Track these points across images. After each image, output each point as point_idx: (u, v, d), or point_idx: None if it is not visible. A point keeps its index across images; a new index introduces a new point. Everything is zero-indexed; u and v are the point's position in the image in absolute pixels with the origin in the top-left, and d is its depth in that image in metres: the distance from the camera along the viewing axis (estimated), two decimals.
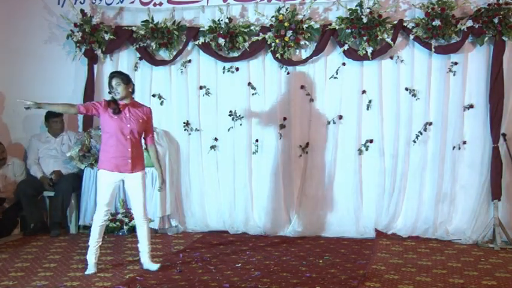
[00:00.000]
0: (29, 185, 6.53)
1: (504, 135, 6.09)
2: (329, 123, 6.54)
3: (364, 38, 6.22)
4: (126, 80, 4.95)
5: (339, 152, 6.55)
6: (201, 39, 6.60)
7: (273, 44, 6.45)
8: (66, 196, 6.50)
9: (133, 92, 5.05)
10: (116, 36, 6.82)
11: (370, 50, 6.25)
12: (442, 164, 6.31)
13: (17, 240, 6.18)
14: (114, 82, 4.90)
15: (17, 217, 6.60)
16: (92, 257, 4.96)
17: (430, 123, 6.36)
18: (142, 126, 4.98)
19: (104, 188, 4.91)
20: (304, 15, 6.39)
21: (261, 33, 6.49)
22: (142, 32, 6.71)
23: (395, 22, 6.25)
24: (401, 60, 6.39)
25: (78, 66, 7.06)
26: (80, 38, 6.78)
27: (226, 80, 6.73)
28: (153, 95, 6.92)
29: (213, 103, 6.79)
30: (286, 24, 6.33)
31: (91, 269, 4.93)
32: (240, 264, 5.16)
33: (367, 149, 6.49)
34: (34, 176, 6.65)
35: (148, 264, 5.02)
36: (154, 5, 6.87)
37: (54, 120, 6.80)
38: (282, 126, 6.61)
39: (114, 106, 4.90)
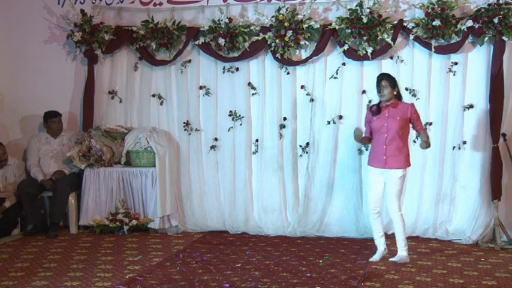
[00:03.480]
0: (30, 185, 6.53)
1: (504, 135, 6.09)
2: (329, 123, 6.53)
3: (364, 38, 6.22)
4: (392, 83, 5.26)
5: (339, 152, 6.55)
6: (201, 39, 6.60)
7: (273, 44, 6.45)
8: (63, 196, 6.50)
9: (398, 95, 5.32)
10: (115, 36, 6.82)
11: (370, 50, 6.25)
12: (442, 164, 6.31)
13: (17, 240, 6.18)
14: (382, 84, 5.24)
15: (17, 217, 6.60)
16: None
17: (430, 123, 6.36)
18: (400, 123, 5.21)
19: (371, 185, 5.32)
20: (304, 15, 6.39)
21: (261, 33, 6.49)
22: (142, 32, 6.72)
23: (396, 22, 6.25)
24: (402, 60, 6.39)
25: (78, 66, 7.06)
26: (80, 38, 6.78)
27: (226, 80, 6.73)
28: (153, 95, 6.92)
29: (213, 103, 6.79)
30: (286, 24, 6.33)
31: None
32: (240, 264, 5.16)
33: (367, 149, 6.47)
34: (34, 178, 6.64)
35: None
36: (154, 5, 6.87)
37: (52, 120, 6.79)
38: (282, 126, 6.61)
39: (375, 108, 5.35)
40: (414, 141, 6.35)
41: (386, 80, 5.27)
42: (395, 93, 5.28)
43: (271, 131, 6.65)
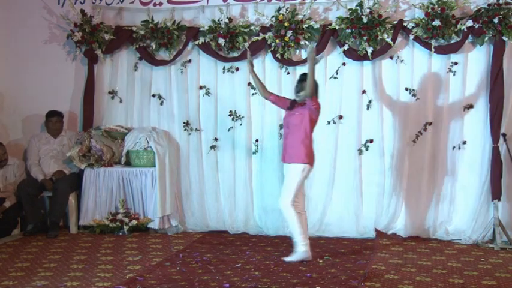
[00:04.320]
0: (30, 185, 6.53)
1: (504, 135, 6.09)
2: (329, 123, 6.54)
3: (364, 38, 6.22)
4: None
5: (339, 152, 6.55)
6: (201, 39, 6.60)
7: (273, 44, 6.45)
8: (63, 196, 6.50)
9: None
10: (116, 36, 6.82)
11: (370, 50, 6.25)
12: (442, 164, 6.31)
13: (17, 240, 6.18)
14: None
15: (17, 217, 6.60)
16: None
17: (430, 123, 6.36)
18: (299, 118, 5.26)
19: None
20: (304, 15, 6.39)
21: (261, 33, 6.49)
22: (142, 32, 6.72)
23: (396, 22, 6.25)
24: (402, 60, 6.39)
25: (78, 66, 7.06)
26: (80, 38, 6.78)
27: (226, 80, 6.73)
28: (153, 95, 6.92)
29: (213, 103, 6.79)
30: (286, 24, 6.34)
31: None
32: (240, 264, 5.16)
33: (367, 149, 6.49)
34: (34, 178, 6.64)
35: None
36: (154, 5, 6.87)
37: (49, 120, 6.79)
38: (282, 126, 6.60)
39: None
40: (414, 141, 6.36)
41: (305, 81, 5.25)
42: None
43: (271, 131, 6.65)
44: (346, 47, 6.33)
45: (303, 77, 5.32)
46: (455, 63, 6.26)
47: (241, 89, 6.71)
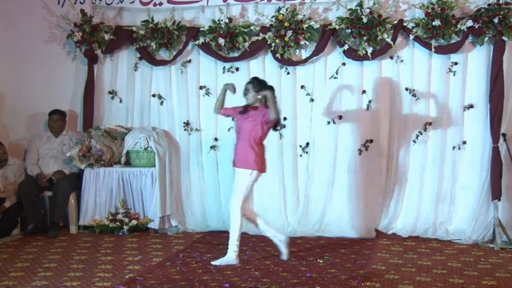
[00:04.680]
0: (31, 185, 6.53)
1: (504, 135, 6.09)
2: (329, 123, 6.54)
3: (364, 38, 6.22)
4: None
5: (339, 152, 6.55)
6: (201, 39, 6.60)
7: (273, 44, 6.45)
8: (64, 196, 6.50)
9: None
10: (116, 36, 6.82)
11: (370, 50, 6.25)
12: (442, 164, 6.31)
13: (17, 240, 6.18)
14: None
15: (17, 217, 6.60)
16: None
17: (430, 123, 6.36)
18: (251, 124, 5.24)
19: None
20: (304, 15, 6.39)
21: (261, 33, 6.49)
22: (142, 32, 6.72)
23: (396, 22, 6.25)
24: (401, 60, 6.39)
25: (78, 66, 7.06)
26: (80, 38, 6.78)
27: (226, 80, 6.70)
28: (153, 95, 6.92)
29: (213, 103, 6.76)
30: (286, 24, 6.34)
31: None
32: (240, 264, 5.16)
33: (367, 149, 6.49)
34: (32, 176, 6.64)
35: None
36: (154, 5, 6.87)
37: (50, 117, 6.81)
38: (282, 126, 6.61)
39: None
40: (414, 141, 6.36)
41: (251, 84, 5.33)
42: (259, 97, 5.27)
43: (271, 131, 6.62)
44: (346, 47, 6.33)
45: (250, 80, 5.40)
46: (455, 63, 6.26)
47: (241, 89, 6.67)
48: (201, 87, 6.81)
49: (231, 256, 5.19)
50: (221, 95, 5.50)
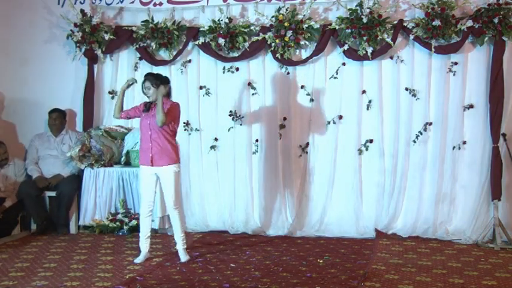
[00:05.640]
0: (31, 185, 6.53)
1: (504, 135, 6.09)
2: (329, 123, 6.54)
3: (364, 38, 6.22)
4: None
5: (339, 152, 6.55)
6: (201, 39, 6.60)
7: (273, 44, 6.45)
8: (69, 198, 6.52)
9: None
10: (116, 36, 6.83)
11: (370, 50, 6.25)
12: (442, 164, 6.31)
13: (17, 240, 6.18)
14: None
15: (17, 217, 6.60)
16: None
17: (430, 123, 6.36)
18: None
19: (144, 184, 5.37)
20: (304, 15, 6.39)
21: (261, 33, 6.49)
22: (142, 32, 6.72)
23: (396, 22, 6.25)
24: (402, 60, 6.39)
25: (78, 66, 7.06)
26: (80, 38, 6.78)
27: (226, 80, 6.73)
28: None
29: (213, 103, 6.79)
30: (286, 24, 6.34)
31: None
32: (240, 264, 5.16)
33: (367, 149, 6.49)
34: (30, 175, 6.65)
35: (181, 253, 5.31)
36: (154, 5, 6.87)
37: (50, 116, 6.82)
38: (282, 126, 6.61)
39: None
40: (414, 141, 6.36)
41: (149, 81, 5.26)
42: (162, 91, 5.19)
43: (271, 131, 6.65)
44: (346, 47, 6.33)
45: (146, 77, 5.29)
46: (455, 63, 6.26)
47: (241, 89, 6.71)
48: (201, 87, 6.81)
49: (180, 248, 5.36)
50: (119, 98, 5.39)
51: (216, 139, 6.79)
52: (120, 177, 6.57)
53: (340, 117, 6.53)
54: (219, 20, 6.53)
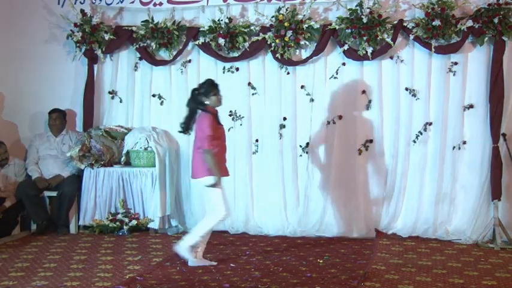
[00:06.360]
0: (30, 186, 6.53)
1: (504, 135, 6.09)
2: (329, 123, 6.54)
3: (364, 38, 6.22)
4: None
5: (339, 152, 6.54)
6: (201, 39, 6.60)
7: (273, 44, 6.45)
8: (70, 198, 6.53)
9: None
10: (116, 36, 6.82)
11: (370, 50, 6.25)
12: (442, 164, 6.31)
13: (17, 240, 6.18)
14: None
15: (17, 217, 6.60)
16: None
17: (430, 123, 6.36)
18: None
19: (224, 193, 5.22)
20: (304, 15, 6.39)
21: (261, 33, 6.49)
22: (142, 32, 6.72)
23: (396, 22, 6.25)
24: (402, 60, 6.39)
25: (78, 66, 7.06)
26: (80, 38, 6.78)
27: (226, 80, 6.72)
28: (153, 95, 6.92)
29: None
30: (286, 24, 6.33)
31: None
32: (240, 264, 5.16)
33: (367, 149, 6.49)
34: (30, 175, 6.65)
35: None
36: (154, 5, 6.87)
37: (50, 116, 6.83)
38: (282, 126, 6.61)
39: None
40: (414, 141, 6.36)
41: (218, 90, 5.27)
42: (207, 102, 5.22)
43: (271, 131, 6.64)
44: (346, 47, 6.33)
45: (217, 87, 5.28)
46: (455, 63, 6.26)
47: (241, 89, 6.71)
48: None
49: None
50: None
51: None
52: (120, 177, 6.57)
53: (340, 117, 6.52)
54: (219, 20, 6.53)
